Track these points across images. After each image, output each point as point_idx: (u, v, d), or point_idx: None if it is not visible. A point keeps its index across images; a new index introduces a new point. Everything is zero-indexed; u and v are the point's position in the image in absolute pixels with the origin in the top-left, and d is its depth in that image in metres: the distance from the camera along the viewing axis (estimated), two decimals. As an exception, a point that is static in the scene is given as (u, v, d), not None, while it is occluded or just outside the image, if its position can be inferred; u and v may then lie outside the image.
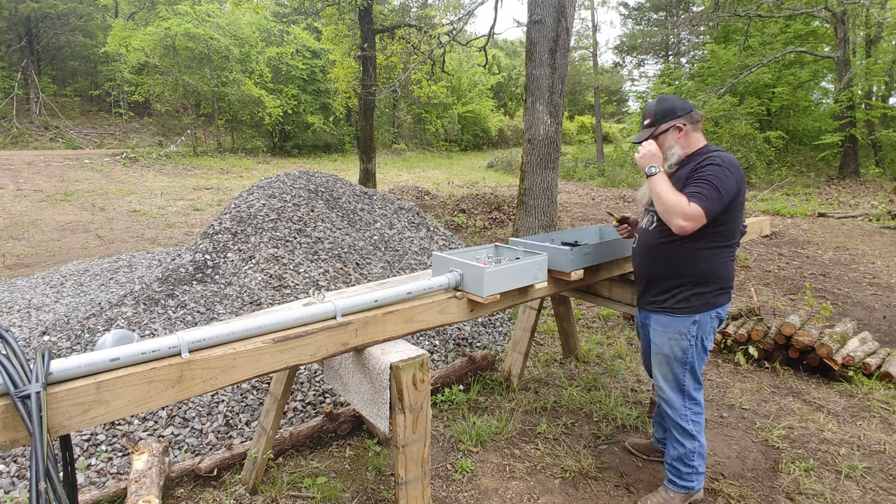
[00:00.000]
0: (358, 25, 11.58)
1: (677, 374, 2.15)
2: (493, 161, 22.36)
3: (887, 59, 15.34)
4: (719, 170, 1.91)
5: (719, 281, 2.06)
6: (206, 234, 4.42)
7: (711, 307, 2.07)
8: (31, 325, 4.14)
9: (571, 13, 6.27)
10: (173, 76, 19.12)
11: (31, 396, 1.17)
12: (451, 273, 2.09)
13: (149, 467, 2.09)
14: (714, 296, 2.06)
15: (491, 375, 3.46)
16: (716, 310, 2.08)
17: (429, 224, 5.94)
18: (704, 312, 2.07)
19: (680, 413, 2.17)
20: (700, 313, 2.06)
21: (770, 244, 7.60)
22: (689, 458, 2.19)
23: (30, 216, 9.33)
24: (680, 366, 2.14)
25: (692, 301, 2.06)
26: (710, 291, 2.06)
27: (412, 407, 1.72)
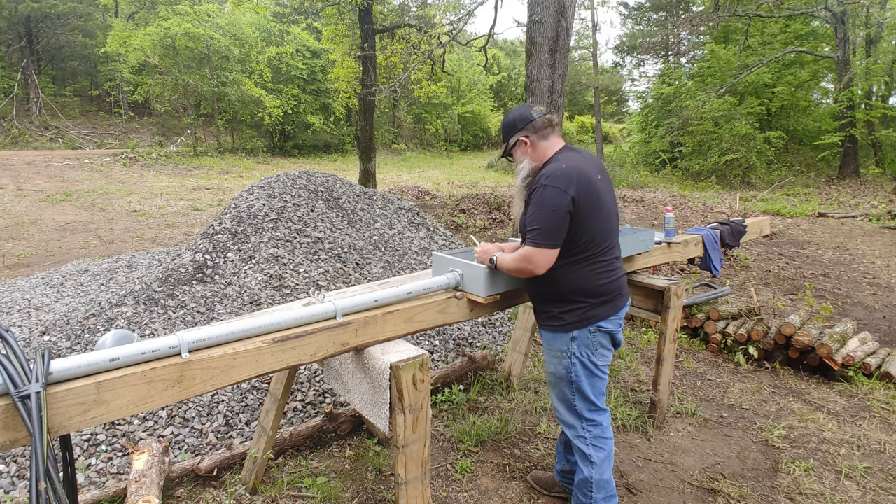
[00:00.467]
0: (358, 25, 11.58)
1: (566, 394, 2.00)
2: (493, 161, 22.37)
3: (887, 59, 15.34)
4: (541, 193, 1.81)
5: (591, 294, 1.91)
6: (206, 234, 4.42)
7: (589, 321, 1.92)
8: (31, 325, 4.14)
9: (571, 13, 6.27)
10: (173, 76, 19.12)
11: (31, 396, 1.17)
12: (451, 273, 2.09)
13: (149, 467, 2.09)
14: (589, 309, 1.91)
15: (491, 375, 3.46)
16: (595, 324, 1.92)
17: (429, 224, 5.94)
18: (583, 328, 1.92)
19: (578, 435, 2.01)
20: (577, 329, 1.92)
21: (770, 244, 7.60)
22: (587, 486, 2.00)
23: (30, 216, 9.33)
24: (567, 385, 1.99)
25: (566, 318, 1.93)
26: (584, 306, 1.91)
27: (412, 407, 1.72)
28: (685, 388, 3.43)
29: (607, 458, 2.01)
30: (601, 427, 2.01)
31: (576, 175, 1.81)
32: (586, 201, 1.82)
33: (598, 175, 1.91)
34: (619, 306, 1.98)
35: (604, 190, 1.91)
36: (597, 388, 1.99)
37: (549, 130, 1.96)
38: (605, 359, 1.99)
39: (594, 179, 1.86)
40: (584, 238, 1.86)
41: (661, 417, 2.96)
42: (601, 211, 1.88)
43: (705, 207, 10.61)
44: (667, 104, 18.72)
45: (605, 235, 1.92)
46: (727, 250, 3.85)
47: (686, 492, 2.42)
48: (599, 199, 1.86)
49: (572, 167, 1.83)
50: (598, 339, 1.94)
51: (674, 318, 2.82)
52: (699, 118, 16.00)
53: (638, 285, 2.90)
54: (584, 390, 1.97)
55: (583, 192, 1.81)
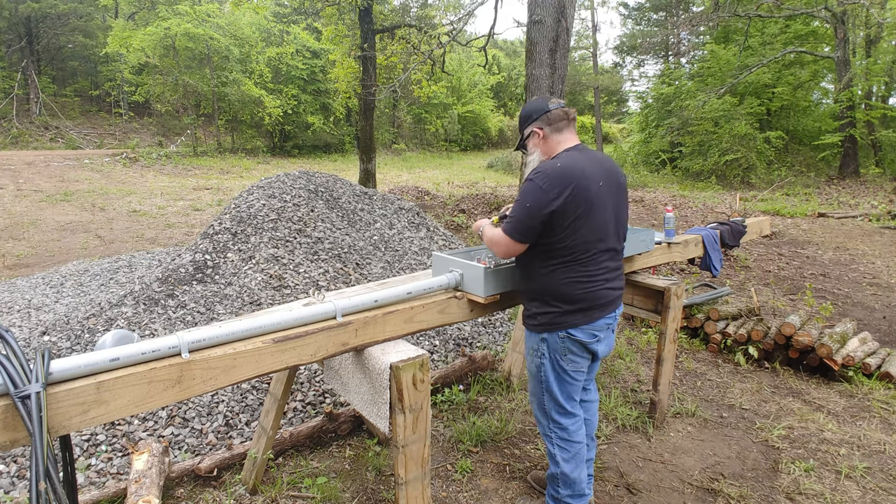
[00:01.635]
0: (358, 25, 11.58)
1: (536, 391, 2.03)
2: (493, 161, 22.38)
3: (887, 59, 15.33)
4: (528, 187, 1.80)
5: (564, 300, 1.86)
6: (206, 234, 4.42)
7: (558, 327, 1.88)
8: (31, 325, 4.14)
9: (571, 13, 6.27)
10: (173, 76, 19.12)
11: (31, 396, 1.17)
12: (451, 273, 2.09)
13: (149, 467, 2.09)
14: (560, 315, 1.87)
15: (491, 375, 3.46)
16: (565, 330, 1.89)
17: (429, 224, 5.94)
18: (552, 332, 1.90)
19: (545, 433, 2.05)
20: (547, 332, 1.92)
21: (770, 244, 7.60)
22: (554, 482, 2.03)
23: (30, 216, 9.33)
24: (536, 383, 2.01)
25: (538, 318, 1.93)
26: (556, 311, 1.88)
27: (412, 407, 1.72)
28: (685, 388, 3.43)
29: (573, 459, 1.99)
30: (567, 431, 1.99)
31: (566, 178, 1.76)
32: (572, 209, 1.77)
33: (599, 182, 1.84)
34: (595, 317, 1.90)
35: (601, 198, 1.84)
36: (565, 392, 1.97)
37: (564, 124, 1.93)
38: (577, 365, 1.94)
39: (590, 186, 1.80)
40: (564, 243, 1.82)
41: (661, 417, 2.96)
42: (588, 220, 1.81)
43: (705, 207, 10.61)
44: (667, 104, 18.72)
45: (590, 245, 1.84)
46: (727, 250, 3.86)
47: (686, 492, 2.42)
48: (591, 208, 1.80)
49: (567, 169, 1.78)
50: (567, 346, 1.91)
51: (674, 319, 2.82)
52: (699, 118, 16.00)
53: (638, 285, 2.90)
54: (553, 391, 1.97)
55: (568, 198, 1.75)
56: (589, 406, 2.23)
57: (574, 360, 1.93)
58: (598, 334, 1.94)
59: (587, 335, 1.91)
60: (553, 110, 1.93)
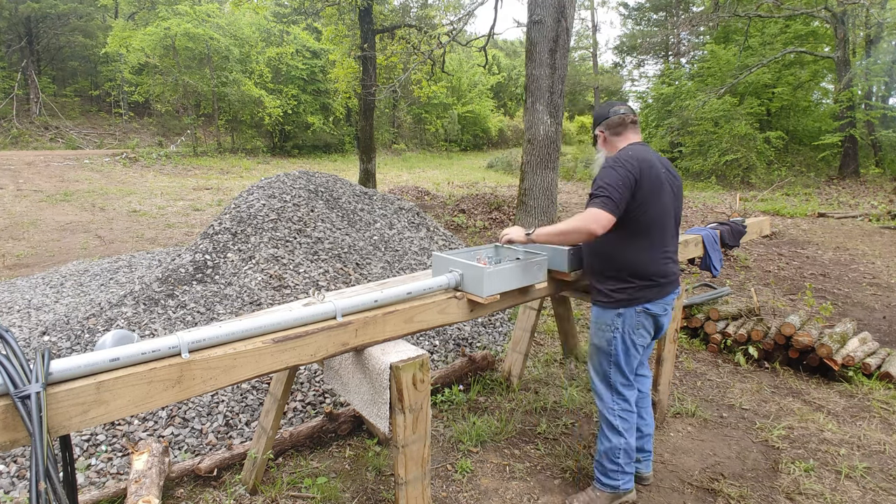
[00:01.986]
0: (358, 25, 11.58)
1: (604, 367, 2.20)
2: (493, 161, 22.37)
3: (887, 59, 15.32)
4: (605, 171, 2.00)
5: (640, 275, 2.07)
6: (206, 234, 4.42)
7: (636, 302, 2.08)
8: (31, 325, 4.14)
9: (571, 13, 6.27)
10: (173, 76, 19.12)
11: (31, 397, 1.17)
12: (451, 273, 2.09)
13: (149, 467, 2.09)
14: (637, 290, 2.08)
15: (491, 375, 3.46)
16: (642, 304, 2.09)
17: (429, 224, 5.94)
18: (629, 307, 2.09)
19: (608, 407, 2.21)
20: (624, 307, 2.09)
21: (770, 244, 7.60)
22: (614, 454, 2.20)
23: (30, 216, 9.33)
24: (605, 357, 2.18)
25: (614, 295, 2.10)
26: (633, 286, 2.07)
27: (412, 407, 1.72)
28: (685, 388, 3.43)
29: (631, 430, 2.20)
30: (629, 402, 2.20)
31: (638, 160, 1.99)
32: (648, 183, 1.98)
33: (662, 169, 2.08)
34: (667, 291, 2.13)
35: (667, 182, 2.08)
36: (630, 365, 2.17)
37: (622, 128, 2.16)
38: (644, 339, 2.16)
39: (658, 169, 2.04)
40: (644, 218, 2.01)
41: (661, 417, 2.96)
42: (660, 196, 2.03)
43: (705, 207, 10.61)
44: (667, 104, 18.72)
45: (661, 223, 2.06)
46: (727, 250, 3.86)
47: (686, 492, 2.42)
48: (661, 186, 2.03)
49: (636, 154, 2.02)
50: (640, 320, 2.11)
51: (674, 319, 2.82)
52: (699, 118, 16.00)
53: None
54: (621, 364, 2.16)
55: (645, 174, 1.98)
56: (645, 381, 2.40)
57: (643, 334, 2.14)
58: (668, 307, 2.16)
59: (660, 308, 2.13)
60: (612, 118, 2.16)
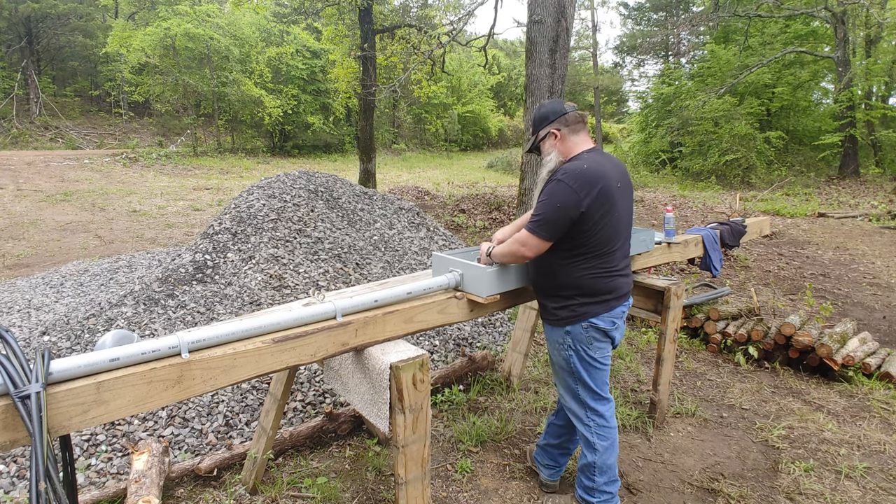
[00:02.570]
0: (358, 25, 11.58)
1: (569, 384, 2.09)
2: (493, 161, 22.36)
3: (887, 59, 15.33)
4: (553, 186, 1.88)
5: (584, 292, 1.96)
6: (206, 234, 4.42)
7: (581, 318, 1.97)
8: (31, 325, 4.13)
9: (571, 13, 6.27)
10: (173, 76, 19.11)
11: (31, 396, 1.17)
12: (451, 273, 2.09)
13: (149, 467, 2.09)
14: (581, 307, 1.97)
15: (491, 375, 3.46)
16: (588, 320, 1.97)
17: (429, 224, 5.94)
18: (575, 324, 1.99)
19: (583, 423, 2.09)
20: (571, 324, 1.99)
21: (770, 244, 7.60)
22: (590, 471, 2.09)
23: (30, 216, 9.33)
24: (568, 375, 2.07)
25: (559, 313, 2.01)
26: (577, 303, 1.97)
27: (412, 407, 1.72)
28: (685, 388, 3.43)
29: (611, 447, 2.07)
30: (604, 417, 2.07)
31: (593, 179, 1.84)
32: (597, 208, 1.86)
33: (618, 182, 1.94)
34: (613, 305, 2.00)
35: (620, 197, 1.95)
36: (598, 378, 2.05)
37: (580, 126, 2.01)
38: (603, 351, 2.04)
39: (613, 186, 1.89)
40: (588, 241, 1.91)
41: (661, 417, 2.96)
42: (611, 217, 1.91)
43: (705, 207, 10.61)
44: (667, 104, 18.71)
45: (610, 240, 1.95)
46: (727, 250, 3.86)
47: (686, 492, 2.42)
48: (613, 206, 1.90)
49: (594, 170, 1.86)
50: (591, 335, 2.00)
51: (674, 319, 2.82)
52: (699, 118, 16.00)
53: (638, 285, 2.90)
54: (586, 381, 2.04)
55: (596, 198, 1.84)
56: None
57: (600, 346, 2.02)
58: (616, 321, 2.03)
59: (607, 322, 2.00)
60: (570, 112, 2.00)
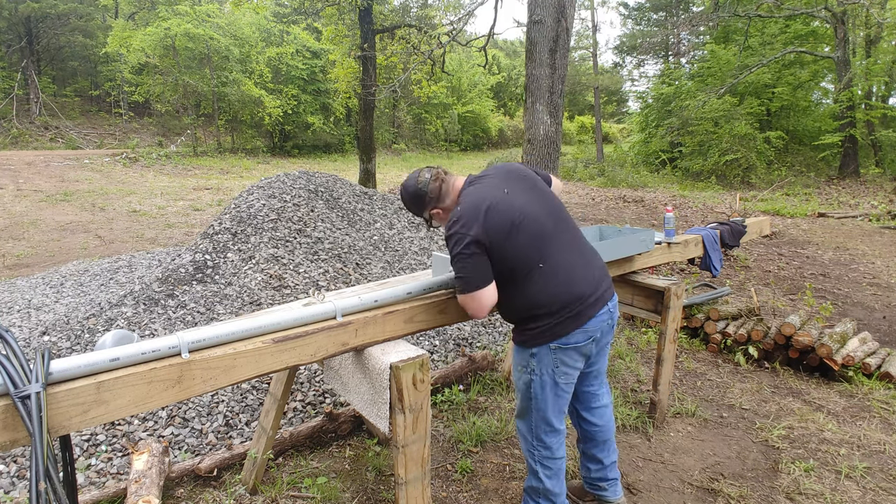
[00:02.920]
0: (358, 25, 11.58)
1: (523, 409, 1.98)
2: (494, 161, 22.37)
3: (887, 59, 15.33)
4: (451, 241, 1.78)
5: (549, 310, 1.81)
6: (206, 234, 4.42)
7: (548, 339, 1.83)
8: (31, 325, 4.13)
9: (571, 13, 6.27)
10: (173, 76, 19.11)
11: (31, 397, 1.17)
12: (451, 273, 2.09)
13: (149, 467, 2.09)
14: (548, 327, 1.82)
15: (491, 375, 3.46)
16: (555, 341, 1.83)
17: (429, 224, 5.93)
18: (542, 345, 1.85)
19: (528, 450, 1.99)
20: (537, 346, 1.86)
21: (770, 244, 7.60)
22: (535, 493, 2.00)
23: (30, 216, 9.33)
24: (525, 400, 1.95)
25: (525, 334, 1.88)
26: (543, 323, 1.83)
27: (412, 407, 1.72)
28: (685, 388, 3.43)
29: (555, 476, 1.97)
30: (551, 450, 1.96)
31: (473, 211, 1.76)
32: (497, 229, 1.74)
33: (503, 189, 1.82)
34: (587, 315, 1.83)
35: (516, 202, 1.81)
36: (555, 407, 1.92)
37: (441, 185, 1.92)
38: (569, 377, 1.90)
39: (499, 201, 1.78)
40: (511, 261, 1.78)
41: (661, 417, 2.96)
42: (520, 228, 1.77)
43: (705, 207, 10.61)
44: (667, 104, 18.71)
45: (537, 248, 1.80)
46: (727, 250, 3.85)
47: (686, 492, 2.42)
48: (512, 218, 1.77)
49: (468, 205, 1.78)
50: (559, 357, 1.86)
51: (674, 319, 2.82)
52: (699, 118, 16.00)
53: (638, 285, 2.90)
54: (542, 409, 1.92)
55: (488, 222, 1.74)
56: (603, 412, 2.15)
57: (567, 371, 1.88)
58: (592, 334, 1.88)
59: (581, 336, 1.85)
60: (430, 189, 1.91)
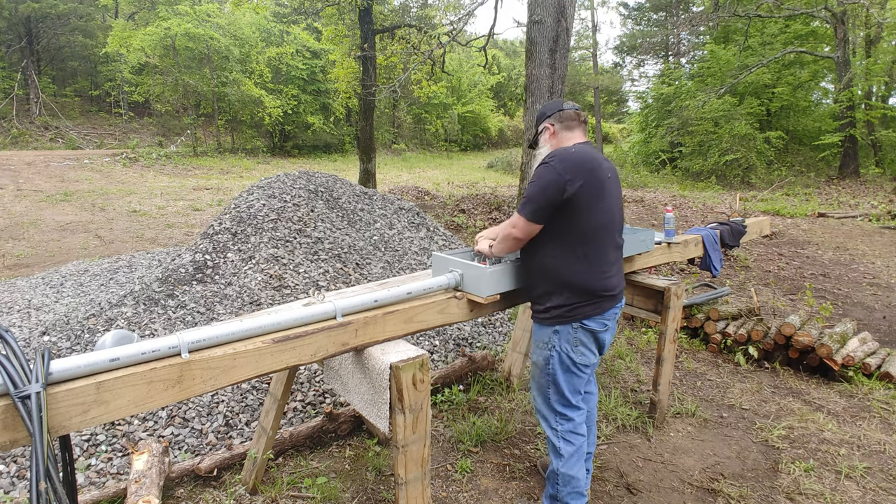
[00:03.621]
0: (358, 26, 11.57)
1: (542, 385, 2.06)
2: (493, 161, 22.37)
3: (887, 59, 15.33)
4: (540, 169, 1.90)
5: (578, 291, 1.92)
6: (206, 234, 4.42)
7: (571, 319, 1.94)
8: (31, 325, 4.13)
9: (571, 13, 6.27)
10: (173, 76, 19.11)
11: (31, 397, 1.17)
12: (451, 273, 2.09)
13: (149, 467, 2.09)
14: (572, 307, 1.93)
15: (491, 375, 3.46)
16: (578, 321, 1.95)
17: (429, 224, 5.94)
18: (565, 324, 1.95)
19: (550, 427, 2.07)
20: (560, 324, 1.96)
21: (770, 244, 7.60)
22: (554, 478, 2.05)
23: (30, 216, 9.33)
24: (544, 376, 2.04)
25: (551, 312, 1.97)
26: (569, 303, 1.93)
27: (412, 407, 1.72)
28: (685, 388, 3.43)
29: (576, 454, 2.03)
30: (573, 423, 2.04)
31: (580, 162, 1.85)
32: (587, 190, 1.84)
33: (608, 174, 1.95)
34: (606, 307, 1.98)
35: (610, 188, 1.95)
36: (572, 385, 2.01)
37: (575, 124, 2.05)
38: (586, 358, 2.00)
39: (602, 174, 1.90)
40: (579, 227, 1.89)
41: (661, 417, 2.96)
42: (602, 204, 1.90)
43: (705, 207, 10.61)
44: (667, 104, 18.72)
45: (603, 233, 1.93)
46: (727, 250, 3.86)
47: (686, 492, 2.42)
48: (602, 193, 1.89)
49: (581, 156, 1.87)
50: (579, 337, 1.97)
51: (674, 319, 2.82)
52: (699, 118, 16.00)
53: (638, 285, 2.90)
54: (560, 384, 2.01)
55: (584, 180, 1.83)
56: (590, 398, 2.27)
57: (584, 352, 1.99)
58: (608, 323, 2.02)
59: (598, 325, 1.98)
60: (566, 110, 2.05)
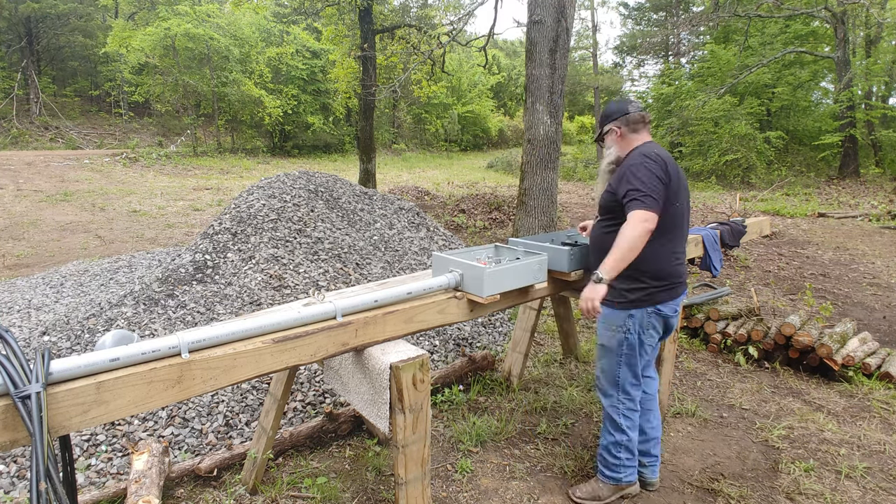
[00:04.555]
0: (358, 26, 11.57)
1: (613, 366, 2.20)
2: (493, 161, 22.36)
3: (887, 59, 15.33)
4: (636, 166, 2.01)
5: (657, 276, 2.08)
6: (206, 234, 4.42)
7: (648, 303, 2.10)
8: (31, 325, 4.13)
9: (571, 13, 6.27)
10: (173, 76, 19.11)
11: (32, 397, 1.17)
12: (451, 273, 2.09)
13: (149, 467, 2.09)
14: (650, 292, 2.09)
15: (491, 375, 3.46)
16: (655, 306, 2.11)
17: (429, 224, 5.94)
18: (641, 308, 2.10)
19: (613, 405, 2.24)
20: (636, 308, 2.10)
21: (770, 244, 7.60)
22: (615, 448, 2.25)
23: (30, 216, 9.33)
24: (614, 357, 2.19)
25: (628, 295, 2.10)
26: (646, 287, 2.08)
27: (412, 407, 1.72)
28: (685, 388, 3.43)
29: (634, 426, 2.24)
30: (634, 401, 2.23)
31: (668, 159, 2.05)
32: (675, 183, 2.03)
33: (679, 171, 2.13)
34: (678, 293, 2.16)
35: (684, 185, 2.15)
36: (640, 364, 2.19)
37: (641, 126, 2.17)
38: (653, 339, 2.18)
39: (681, 172, 2.12)
40: (665, 219, 2.01)
41: (661, 418, 2.95)
42: (681, 195, 2.09)
43: (705, 207, 10.61)
44: (667, 104, 18.71)
45: (681, 223, 2.12)
46: (727, 250, 3.86)
47: (686, 492, 2.42)
48: (680, 188, 2.08)
49: (659, 151, 2.07)
50: (651, 321, 2.13)
51: (674, 319, 2.81)
52: (699, 118, 16.00)
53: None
54: (632, 363, 2.17)
55: (671, 172, 2.02)
56: (651, 383, 2.40)
57: (653, 334, 2.16)
58: (678, 308, 2.21)
59: (670, 310, 2.15)
60: (632, 113, 2.17)
